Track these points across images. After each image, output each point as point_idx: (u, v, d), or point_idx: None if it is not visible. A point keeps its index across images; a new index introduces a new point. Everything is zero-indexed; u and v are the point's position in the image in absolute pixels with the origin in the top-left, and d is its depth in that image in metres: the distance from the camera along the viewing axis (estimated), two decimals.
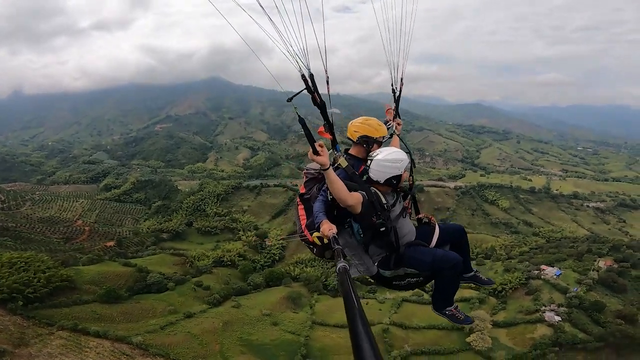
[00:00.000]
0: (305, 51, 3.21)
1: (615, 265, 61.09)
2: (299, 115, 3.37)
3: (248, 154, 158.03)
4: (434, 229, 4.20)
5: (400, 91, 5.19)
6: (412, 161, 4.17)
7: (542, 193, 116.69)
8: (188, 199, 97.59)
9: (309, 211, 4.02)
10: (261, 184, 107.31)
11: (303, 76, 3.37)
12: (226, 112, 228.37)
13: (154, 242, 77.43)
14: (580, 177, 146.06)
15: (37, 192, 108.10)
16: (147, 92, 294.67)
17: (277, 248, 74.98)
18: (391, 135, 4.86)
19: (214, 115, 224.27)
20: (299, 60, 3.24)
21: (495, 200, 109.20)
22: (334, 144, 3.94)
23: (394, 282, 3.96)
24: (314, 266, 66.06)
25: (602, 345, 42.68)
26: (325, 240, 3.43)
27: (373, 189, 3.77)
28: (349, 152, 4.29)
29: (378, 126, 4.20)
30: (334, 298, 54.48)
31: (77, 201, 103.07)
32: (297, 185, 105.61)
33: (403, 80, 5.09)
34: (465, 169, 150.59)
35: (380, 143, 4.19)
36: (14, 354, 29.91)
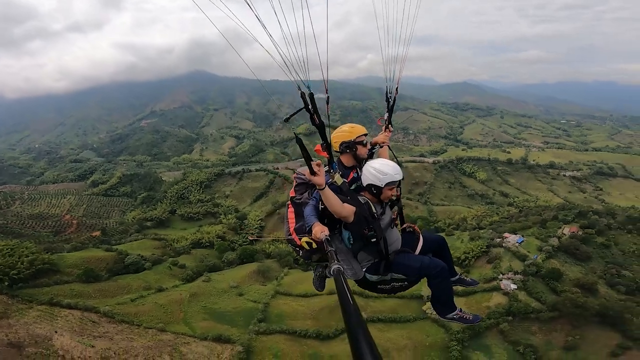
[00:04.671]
0: (306, 69, 3.12)
1: (580, 232, 60.17)
2: (296, 136, 3.45)
3: (234, 142, 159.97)
4: (418, 237, 4.34)
5: (395, 100, 5.18)
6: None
7: (519, 164, 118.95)
8: (172, 188, 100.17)
9: (298, 215, 4.07)
10: (243, 169, 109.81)
11: (302, 95, 3.31)
12: (211, 104, 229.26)
13: (138, 229, 80.00)
14: (560, 148, 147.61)
15: (27, 192, 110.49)
16: (130, 90, 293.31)
17: (255, 228, 77.96)
18: (381, 145, 4.92)
19: (199, 107, 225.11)
20: (299, 79, 3.16)
21: (472, 172, 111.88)
22: (330, 163, 3.94)
23: (379, 286, 4.06)
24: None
25: (555, 315, 42.52)
26: (314, 245, 3.51)
27: (365, 198, 3.86)
28: (340, 161, 4.30)
29: (351, 128, 4.21)
30: (304, 272, 56.56)
31: (64, 198, 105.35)
32: (278, 169, 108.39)
33: (398, 90, 5.16)
34: (448, 145, 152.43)
35: (362, 143, 4.18)
36: None
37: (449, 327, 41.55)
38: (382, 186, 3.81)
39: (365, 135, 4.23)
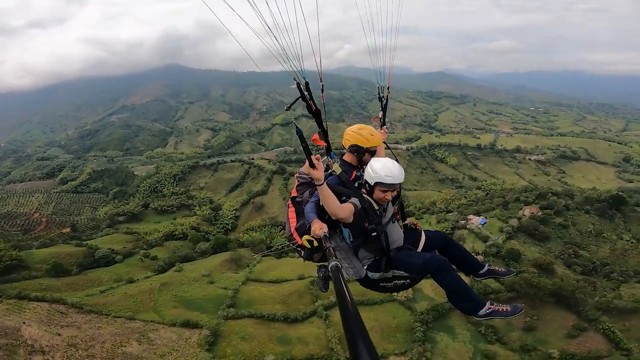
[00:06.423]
0: (301, 59, 3.13)
1: (540, 213, 61.58)
2: (297, 127, 3.43)
3: (209, 135, 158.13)
4: (420, 235, 4.29)
5: (387, 99, 5.28)
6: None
7: (487, 149, 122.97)
8: (144, 182, 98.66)
9: (299, 214, 4.06)
10: (218, 160, 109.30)
11: (298, 84, 3.33)
12: (186, 97, 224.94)
13: (109, 225, 78.80)
14: (528, 134, 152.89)
15: None
16: (98, 85, 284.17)
17: (229, 218, 78.41)
18: None
19: (173, 101, 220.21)
20: (294, 68, 3.17)
21: (444, 158, 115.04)
22: (328, 152, 3.97)
23: (381, 284, 4.04)
24: (261, 230, 69.98)
25: (513, 295, 43.11)
26: (315, 244, 3.43)
27: (366, 196, 3.81)
28: (343, 158, 4.31)
29: (370, 136, 4.15)
30: (277, 259, 56.77)
31: (33, 196, 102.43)
32: (253, 159, 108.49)
33: (389, 89, 5.26)
34: (422, 132, 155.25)
35: (372, 152, 4.18)
36: None
37: (414, 309, 42.09)
38: (372, 184, 3.77)
39: (376, 147, 4.22)
